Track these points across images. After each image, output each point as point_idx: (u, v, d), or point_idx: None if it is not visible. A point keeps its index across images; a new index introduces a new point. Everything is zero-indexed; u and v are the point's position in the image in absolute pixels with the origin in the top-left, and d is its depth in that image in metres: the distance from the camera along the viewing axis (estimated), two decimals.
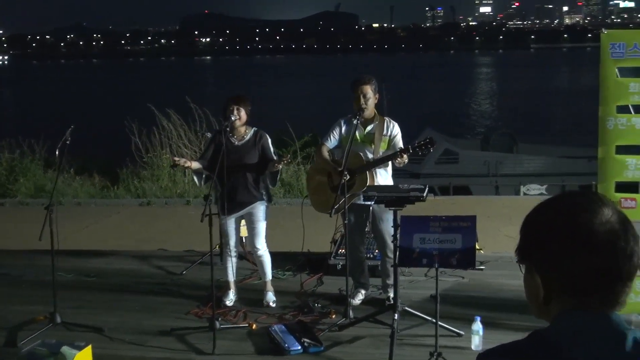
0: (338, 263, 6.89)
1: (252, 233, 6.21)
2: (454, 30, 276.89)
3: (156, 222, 10.38)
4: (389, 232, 5.68)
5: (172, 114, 12.91)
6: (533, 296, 1.54)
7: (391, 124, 6.02)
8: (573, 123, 40.68)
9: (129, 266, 7.61)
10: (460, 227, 5.01)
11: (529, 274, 1.54)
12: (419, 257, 5.02)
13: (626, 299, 1.50)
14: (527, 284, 1.56)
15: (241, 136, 6.12)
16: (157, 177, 12.61)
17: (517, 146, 26.44)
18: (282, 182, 12.00)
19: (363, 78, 6.00)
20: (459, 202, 11.43)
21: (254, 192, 6.12)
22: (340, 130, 6.08)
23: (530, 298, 1.55)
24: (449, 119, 44.34)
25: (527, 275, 1.55)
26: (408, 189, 5.42)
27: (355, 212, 6.03)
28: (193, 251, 7.94)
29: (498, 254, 7.48)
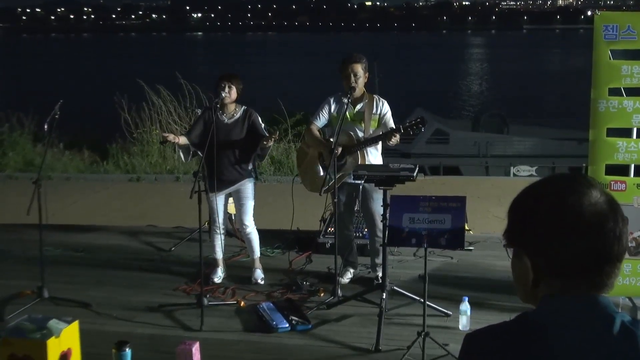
0: (327, 241, 6.89)
1: (240, 210, 6.20)
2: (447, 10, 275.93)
3: (145, 198, 10.35)
4: (379, 211, 5.68)
5: (162, 90, 12.85)
6: (521, 279, 1.53)
7: (380, 101, 5.99)
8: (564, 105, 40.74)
9: (118, 242, 7.59)
10: (450, 208, 5.01)
11: (517, 258, 1.53)
12: (408, 237, 5.02)
13: (614, 282, 1.50)
14: (515, 267, 1.55)
15: (231, 114, 6.09)
16: (146, 153, 12.57)
17: (508, 127, 26.41)
18: (272, 160, 11.98)
19: (354, 57, 5.96)
20: (449, 182, 11.45)
21: (242, 170, 6.10)
22: (329, 108, 6.05)
23: (518, 281, 1.54)
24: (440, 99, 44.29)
25: (515, 259, 1.54)
26: (398, 169, 5.42)
27: (345, 191, 6.03)
28: (182, 228, 7.93)
29: (487, 234, 7.51)
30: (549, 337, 1.43)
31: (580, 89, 17.62)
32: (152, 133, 12.57)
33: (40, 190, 5.60)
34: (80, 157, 13.59)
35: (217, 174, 5.93)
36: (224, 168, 6.02)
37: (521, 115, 32.01)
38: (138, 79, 12.77)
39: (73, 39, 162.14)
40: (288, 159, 12.11)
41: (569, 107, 37.41)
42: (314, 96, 14.81)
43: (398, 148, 22.79)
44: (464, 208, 5.05)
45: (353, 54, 6.03)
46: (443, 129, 25.24)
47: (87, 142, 14.75)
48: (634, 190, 5.17)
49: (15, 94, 35.40)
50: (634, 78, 5.12)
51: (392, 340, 5.04)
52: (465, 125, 28.16)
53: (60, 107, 5.87)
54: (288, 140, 12.52)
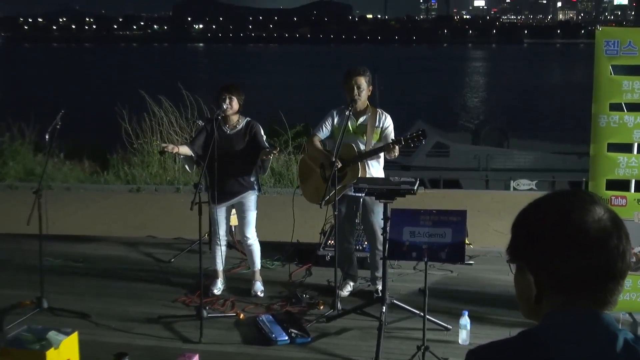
0: (327, 254, 6.88)
1: (242, 222, 6.20)
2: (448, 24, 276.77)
3: (145, 208, 10.34)
4: (379, 224, 5.67)
5: (163, 101, 12.86)
6: (524, 295, 1.53)
7: (383, 115, 6.01)
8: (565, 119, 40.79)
9: (117, 252, 7.58)
10: (450, 222, 5.01)
11: (520, 273, 1.53)
12: (409, 250, 5.02)
13: (617, 299, 1.50)
14: (517, 283, 1.55)
15: (233, 125, 6.10)
16: (147, 163, 12.57)
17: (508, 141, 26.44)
18: (272, 172, 11.98)
19: (357, 69, 5.97)
20: (450, 195, 11.44)
21: (245, 182, 6.10)
22: (332, 121, 6.06)
23: (521, 297, 1.54)
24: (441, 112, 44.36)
25: (518, 275, 1.54)
26: (399, 182, 5.42)
27: (346, 204, 6.02)
28: (182, 239, 7.92)
29: (487, 248, 7.50)
30: (551, 353, 1.43)
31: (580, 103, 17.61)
32: (152, 144, 12.58)
33: (40, 200, 5.60)
34: (80, 167, 13.60)
35: (219, 186, 5.93)
36: (226, 180, 6.02)
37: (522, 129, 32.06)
38: (139, 90, 12.79)
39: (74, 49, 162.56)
40: (288, 170, 12.12)
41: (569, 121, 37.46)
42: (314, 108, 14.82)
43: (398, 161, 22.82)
44: (464, 222, 5.05)
45: (357, 66, 6.04)
46: (443, 142, 25.26)
47: (87, 152, 14.76)
48: (635, 206, 5.17)
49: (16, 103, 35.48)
50: (635, 93, 5.14)
51: (391, 354, 5.03)
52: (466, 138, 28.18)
53: (62, 117, 5.88)
54: (288, 152, 12.53)
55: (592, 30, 5.31)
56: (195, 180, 7.72)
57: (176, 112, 12.75)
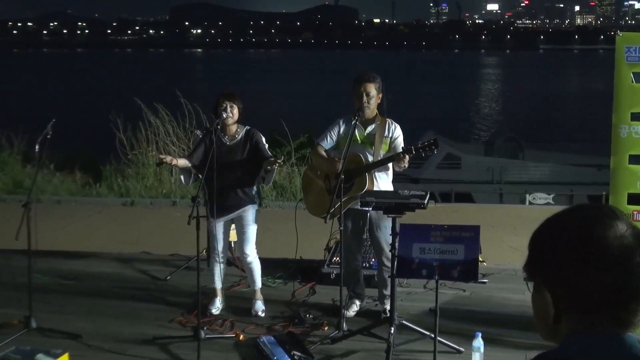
0: (332, 271, 6.87)
1: (242, 238, 6.19)
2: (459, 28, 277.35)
3: (140, 223, 10.35)
4: (387, 240, 5.66)
5: (160, 109, 12.89)
6: (542, 315, 1.52)
7: (392, 125, 6.02)
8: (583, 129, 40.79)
9: (110, 269, 7.58)
10: (463, 238, 5.01)
11: (538, 292, 1.52)
12: (418, 268, 5.01)
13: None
14: (535, 302, 1.54)
15: (232, 135, 6.11)
16: (142, 175, 12.58)
17: (524, 152, 26.48)
18: (274, 184, 11.98)
19: (367, 75, 5.98)
20: (461, 210, 11.43)
21: (245, 195, 6.10)
22: (338, 130, 6.06)
23: (539, 317, 1.54)
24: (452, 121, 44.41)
25: (536, 293, 1.54)
26: (408, 195, 5.42)
27: (352, 218, 6.02)
28: (178, 255, 7.91)
29: (501, 266, 7.48)
30: None
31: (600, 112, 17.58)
32: (148, 155, 12.60)
33: (29, 214, 5.61)
34: (72, 179, 13.61)
35: (218, 199, 5.93)
36: (226, 193, 6.02)
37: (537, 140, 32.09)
38: (135, 97, 12.82)
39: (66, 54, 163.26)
40: (291, 183, 12.12)
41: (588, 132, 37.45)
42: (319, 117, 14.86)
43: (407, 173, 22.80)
44: (477, 238, 5.05)
45: (367, 72, 6.06)
46: (455, 154, 25.29)
47: (79, 163, 14.78)
48: None
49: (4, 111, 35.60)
50: None
51: None
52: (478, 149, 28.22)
53: (53, 126, 5.89)
54: (291, 163, 12.53)
55: (612, 35, 5.31)
56: (192, 193, 7.73)
57: (173, 121, 12.78)
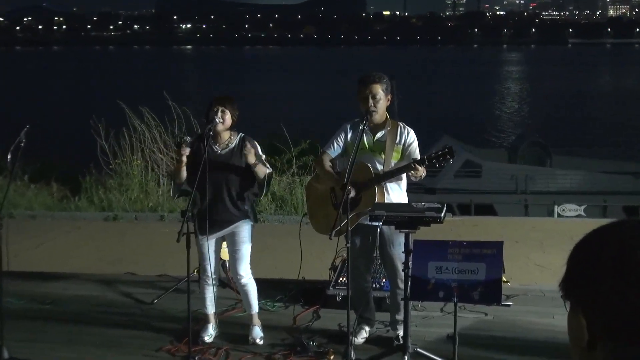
0: (338, 293, 6.86)
1: (235, 257, 6.18)
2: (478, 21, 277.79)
3: (124, 240, 10.35)
4: (400, 258, 5.65)
5: (146, 113, 12.92)
6: (576, 339, 1.51)
7: (405, 130, 6.01)
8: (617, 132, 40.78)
9: (91, 292, 7.57)
10: (484, 255, 5.00)
11: (573, 313, 1.52)
12: (435, 290, 5.00)
13: None
14: (570, 324, 1.53)
15: (225, 143, 6.11)
16: (126, 187, 12.60)
17: (551, 158, 26.43)
18: (273, 197, 11.99)
19: (373, 76, 5.98)
20: (482, 223, 11.42)
21: (238, 209, 6.09)
22: (345, 136, 6.07)
23: (573, 341, 1.53)
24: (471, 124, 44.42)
25: (572, 314, 1.53)
26: (423, 208, 5.41)
27: (361, 234, 6.01)
28: (167, 276, 7.91)
29: (527, 286, 7.46)
30: None
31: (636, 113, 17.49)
32: (133, 164, 12.62)
33: (0, 231, 5.61)
34: (48, 191, 13.64)
35: (209, 214, 5.93)
36: (218, 206, 6.02)
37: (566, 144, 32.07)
38: (118, 100, 12.85)
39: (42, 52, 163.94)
40: (292, 195, 12.12)
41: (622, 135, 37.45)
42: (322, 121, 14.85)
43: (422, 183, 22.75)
44: (500, 255, 5.04)
45: (372, 72, 6.05)
46: (474, 160, 25.25)
47: (56, 174, 14.82)
48: None
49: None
50: None
51: None
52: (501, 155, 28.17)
53: (27, 133, 5.89)
54: (292, 173, 12.55)
55: None
56: (182, 207, 7.73)
57: (161, 126, 12.81)
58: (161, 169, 12.78)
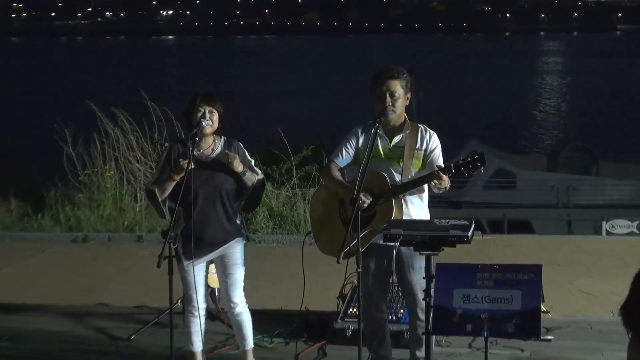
0: (348, 327, 6.85)
1: (227, 283, 6.17)
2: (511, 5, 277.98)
3: (95, 265, 10.36)
4: (421, 285, 5.65)
5: (120, 115, 12.93)
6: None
7: (427, 133, 5.99)
8: None
9: (57, 327, 7.58)
10: (520, 281, 4.99)
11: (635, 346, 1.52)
12: (462, 322, 5.00)
13: None
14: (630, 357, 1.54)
15: (209, 149, 6.09)
16: (97, 202, 12.61)
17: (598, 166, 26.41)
18: (270, 213, 11.99)
19: (391, 70, 5.97)
20: (517, 243, 11.40)
21: (229, 227, 6.08)
22: (356, 141, 6.04)
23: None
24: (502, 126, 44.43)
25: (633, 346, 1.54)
26: (447, 226, 5.40)
27: (375, 257, 5.99)
28: (146, 307, 7.92)
29: (571, 317, 7.46)
30: None
31: None
32: (105, 175, 12.63)
33: None
34: (6, 208, 13.66)
35: (197, 233, 5.92)
36: (207, 224, 6.00)
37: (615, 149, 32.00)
38: (87, 100, 12.88)
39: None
40: (292, 211, 12.12)
41: None
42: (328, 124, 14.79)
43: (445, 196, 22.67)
44: (539, 280, 5.03)
45: (390, 66, 6.04)
46: (507, 169, 25.25)
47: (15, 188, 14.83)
48: None
49: None
50: None
51: None
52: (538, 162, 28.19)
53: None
54: (292, 185, 12.55)
55: None
56: (163, 226, 7.73)
57: (138, 131, 12.83)
58: (139, 181, 12.79)
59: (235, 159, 5.89)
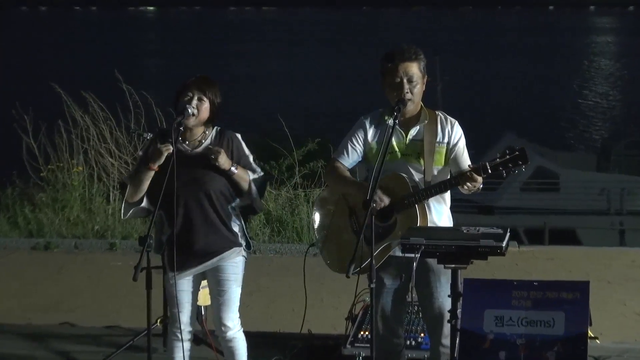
0: (359, 353, 6.85)
1: (221, 300, 6.16)
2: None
3: (60, 277, 10.37)
4: (445, 305, 5.65)
5: (91, 101, 12.91)
6: None
7: (448, 123, 5.94)
8: None
9: (15, 350, 7.58)
10: (563, 300, 4.99)
11: None
12: (494, 349, 5.00)
13: None
14: None
15: (197, 141, 6.06)
16: (62, 203, 12.60)
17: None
18: (267, 218, 11.98)
19: (405, 51, 5.93)
20: (560, 256, 11.39)
21: (223, 234, 6.07)
22: (364, 135, 6.00)
23: None
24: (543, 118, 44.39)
25: None
26: (477, 234, 5.39)
27: (391, 271, 5.98)
28: (119, 328, 7.92)
29: (624, 344, 7.45)
30: None
31: None
32: (72, 171, 12.62)
33: None
34: None
35: (182, 242, 5.92)
36: (192, 231, 5.99)
37: None
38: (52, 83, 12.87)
39: None
40: (293, 215, 12.10)
41: None
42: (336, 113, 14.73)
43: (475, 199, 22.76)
44: (586, 301, 5.03)
45: (404, 46, 6.02)
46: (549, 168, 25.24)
47: None
48: None
49: None
50: None
51: None
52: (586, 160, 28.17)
53: None
54: (294, 184, 12.54)
55: None
56: (141, 231, 7.74)
57: (112, 120, 12.80)
58: (112, 179, 12.78)
59: (219, 154, 5.82)
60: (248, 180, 5.95)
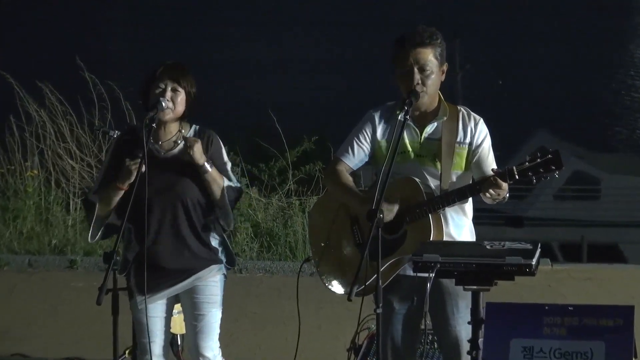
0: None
1: (198, 327, 6.19)
2: None
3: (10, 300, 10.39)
4: (464, 333, 5.67)
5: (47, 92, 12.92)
6: None
7: (471, 120, 5.94)
8: None
9: None
10: (603, 328, 5.01)
11: None
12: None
13: None
14: None
15: (170, 141, 6.07)
16: (14, 213, 12.62)
17: None
18: (255, 230, 11.98)
19: (419, 35, 5.94)
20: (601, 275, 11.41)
21: (200, 250, 6.09)
22: (372, 132, 6.01)
23: None
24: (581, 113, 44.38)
25: None
26: (502, 250, 5.41)
27: (401, 293, 6.01)
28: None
29: None
30: None
31: None
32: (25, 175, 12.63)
33: None
34: None
35: (153, 260, 5.93)
36: (165, 247, 6.01)
37: None
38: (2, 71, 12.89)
39: None
40: (286, 228, 12.11)
41: None
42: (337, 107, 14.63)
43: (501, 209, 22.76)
44: (630, 329, 5.04)
45: (418, 28, 6.02)
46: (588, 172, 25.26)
47: None
48: None
49: None
50: None
51: None
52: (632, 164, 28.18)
53: None
54: (287, 191, 12.56)
55: None
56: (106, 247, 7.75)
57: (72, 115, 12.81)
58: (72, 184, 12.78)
59: (196, 144, 5.85)
60: (222, 186, 5.95)
